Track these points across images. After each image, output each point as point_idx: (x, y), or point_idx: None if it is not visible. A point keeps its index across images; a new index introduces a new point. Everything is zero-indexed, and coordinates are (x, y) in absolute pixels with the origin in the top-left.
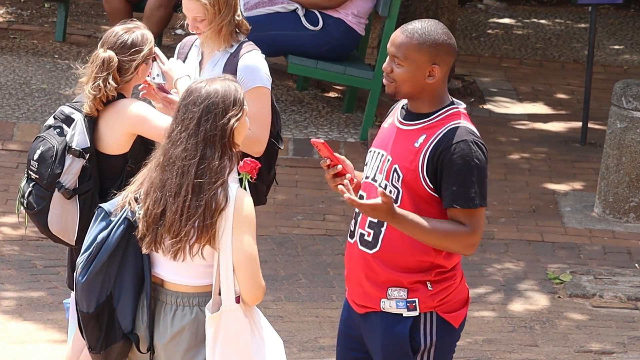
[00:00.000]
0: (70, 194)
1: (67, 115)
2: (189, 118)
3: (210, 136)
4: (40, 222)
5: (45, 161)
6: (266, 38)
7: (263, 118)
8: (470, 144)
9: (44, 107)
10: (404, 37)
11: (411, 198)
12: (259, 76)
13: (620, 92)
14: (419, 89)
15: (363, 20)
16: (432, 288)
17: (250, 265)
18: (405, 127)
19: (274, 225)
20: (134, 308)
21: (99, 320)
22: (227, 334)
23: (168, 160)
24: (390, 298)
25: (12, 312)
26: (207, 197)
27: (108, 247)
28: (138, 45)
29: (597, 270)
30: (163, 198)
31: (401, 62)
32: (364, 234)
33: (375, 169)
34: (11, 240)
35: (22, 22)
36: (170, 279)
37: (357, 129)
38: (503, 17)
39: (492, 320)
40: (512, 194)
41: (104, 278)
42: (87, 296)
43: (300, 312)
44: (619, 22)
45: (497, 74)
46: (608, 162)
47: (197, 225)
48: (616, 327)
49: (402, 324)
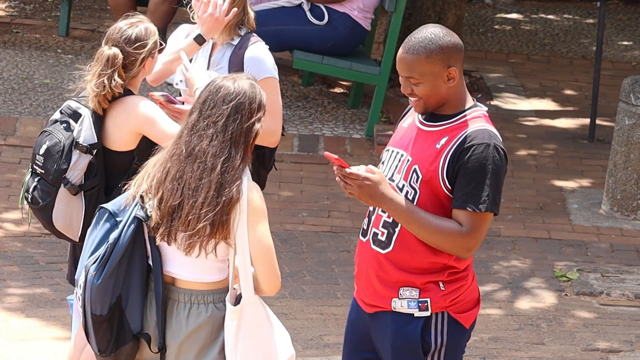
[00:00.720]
0: (77, 189)
1: (74, 110)
2: (218, 115)
3: (236, 136)
4: (45, 218)
5: (51, 156)
6: (271, 33)
7: (275, 109)
8: (490, 148)
9: (47, 102)
10: (410, 56)
11: (429, 199)
12: (266, 67)
13: (628, 89)
14: (444, 96)
15: (369, 15)
16: (445, 288)
17: (268, 255)
18: (427, 127)
19: (279, 222)
20: (142, 308)
21: (111, 322)
22: (250, 327)
23: (190, 152)
24: (401, 298)
25: (14, 309)
26: (227, 195)
27: (120, 247)
28: (142, 40)
29: (604, 268)
30: (180, 190)
31: (419, 80)
32: (378, 234)
33: (394, 169)
34: (14, 236)
35: (25, 17)
36: (183, 277)
37: (362, 125)
38: (510, 12)
39: (498, 318)
40: (519, 191)
41: (115, 280)
42: (102, 299)
43: (305, 309)
44: (627, 18)
45: (505, 70)
46: (616, 159)
47: (214, 221)
48: (623, 326)
49: (414, 324)
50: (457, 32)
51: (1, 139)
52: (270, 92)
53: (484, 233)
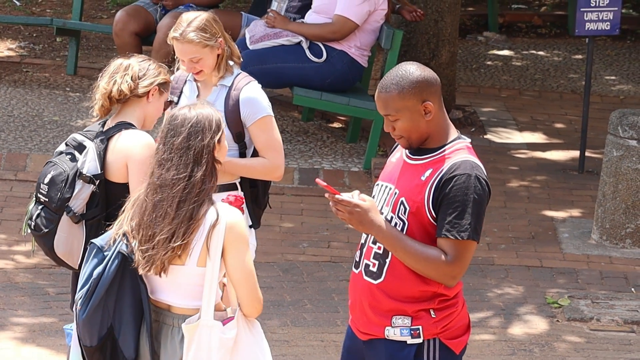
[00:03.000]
0: (78, 218)
1: (79, 143)
2: (178, 139)
3: (198, 154)
4: (47, 245)
5: (55, 185)
6: (271, 70)
7: (275, 144)
8: (472, 178)
9: (56, 138)
10: (384, 94)
11: (417, 229)
12: (261, 107)
13: (616, 122)
14: (424, 130)
15: (366, 52)
16: (436, 315)
17: (250, 281)
18: (412, 161)
19: (280, 253)
20: (136, 337)
21: (103, 352)
22: (200, 348)
23: (160, 184)
24: (394, 326)
25: (25, 338)
26: (188, 208)
27: (105, 281)
28: (156, 69)
29: (594, 295)
30: (154, 219)
31: (396, 116)
32: (369, 265)
33: (383, 202)
34: (25, 268)
35: (35, 56)
36: (176, 304)
37: (360, 159)
38: (502, 49)
39: (492, 344)
40: (511, 221)
41: (103, 312)
42: (89, 331)
43: (306, 336)
44: (615, 54)
45: (497, 104)
46: (605, 190)
47: (176, 234)
48: (613, 350)
49: (406, 351)
50: (451, 68)
51: (12, 174)
52: (268, 129)
53: (468, 261)
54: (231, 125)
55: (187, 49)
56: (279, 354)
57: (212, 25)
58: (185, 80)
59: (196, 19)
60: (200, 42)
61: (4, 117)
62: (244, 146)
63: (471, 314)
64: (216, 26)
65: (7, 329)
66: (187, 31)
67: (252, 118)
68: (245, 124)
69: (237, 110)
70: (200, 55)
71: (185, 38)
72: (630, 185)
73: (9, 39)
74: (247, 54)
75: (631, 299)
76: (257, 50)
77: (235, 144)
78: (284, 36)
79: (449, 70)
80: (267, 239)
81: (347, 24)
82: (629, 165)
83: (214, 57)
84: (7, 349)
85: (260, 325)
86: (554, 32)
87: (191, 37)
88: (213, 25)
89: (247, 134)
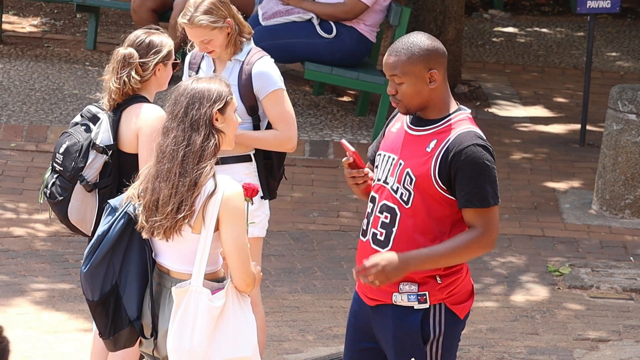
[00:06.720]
0: (91, 187)
1: (94, 114)
2: (178, 108)
3: (196, 121)
4: (61, 212)
5: (70, 155)
6: (283, 45)
7: (287, 117)
8: (479, 147)
9: (76, 111)
10: (394, 57)
11: (423, 200)
12: (272, 80)
13: (616, 96)
14: (426, 97)
15: (375, 28)
16: (441, 281)
17: (240, 254)
18: (415, 132)
19: (291, 222)
20: (140, 296)
21: (105, 307)
22: (187, 312)
23: (162, 151)
24: (402, 292)
25: (45, 303)
26: (192, 177)
27: (109, 240)
28: (156, 47)
29: (594, 263)
30: (157, 186)
31: (401, 79)
32: (377, 233)
33: (387, 172)
34: (45, 236)
35: (55, 32)
36: (175, 268)
37: (369, 131)
38: (507, 26)
39: (495, 310)
40: (514, 192)
41: (107, 269)
42: (91, 285)
43: (316, 302)
44: (616, 31)
45: (501, 80)
46: (605, 162)
47: (184, 204)
48: (612, 317)
49: (414, 316)
50: (457, 45)
51: (33, 146)
52: (280, 102)
53: (497, 222)
54: (244, 99)
55: (196, 33)
56: (289, 320)
57: (218, 8)
58: (202, 55)
59: (202, 3)
60: (208, 26)
61: (25, 90)
62: (257, 119)
63: (475, 282)
64: (222, 7)
65: (27, 294)
66: (194, 16)
67: (264, 91)
68: (258, 97)
69: (250, 84)
70: (210, 37)
71: (194, 23)
72: (629, 158)
73: (31, 15)
74: (260, 30)
75: (630, 267)
76: (270, 27)
77: (249, 117)
78: (295, 13)
79: (455, 46)
80: (279, 208)
81: (359, 5)
82: (629, 138)
83: (223, 37)
84: (27, 313)
85: (272, 292)
86: (557, 10)
87: (199, 22)
88: (219, 7)
89: (260, 107)
